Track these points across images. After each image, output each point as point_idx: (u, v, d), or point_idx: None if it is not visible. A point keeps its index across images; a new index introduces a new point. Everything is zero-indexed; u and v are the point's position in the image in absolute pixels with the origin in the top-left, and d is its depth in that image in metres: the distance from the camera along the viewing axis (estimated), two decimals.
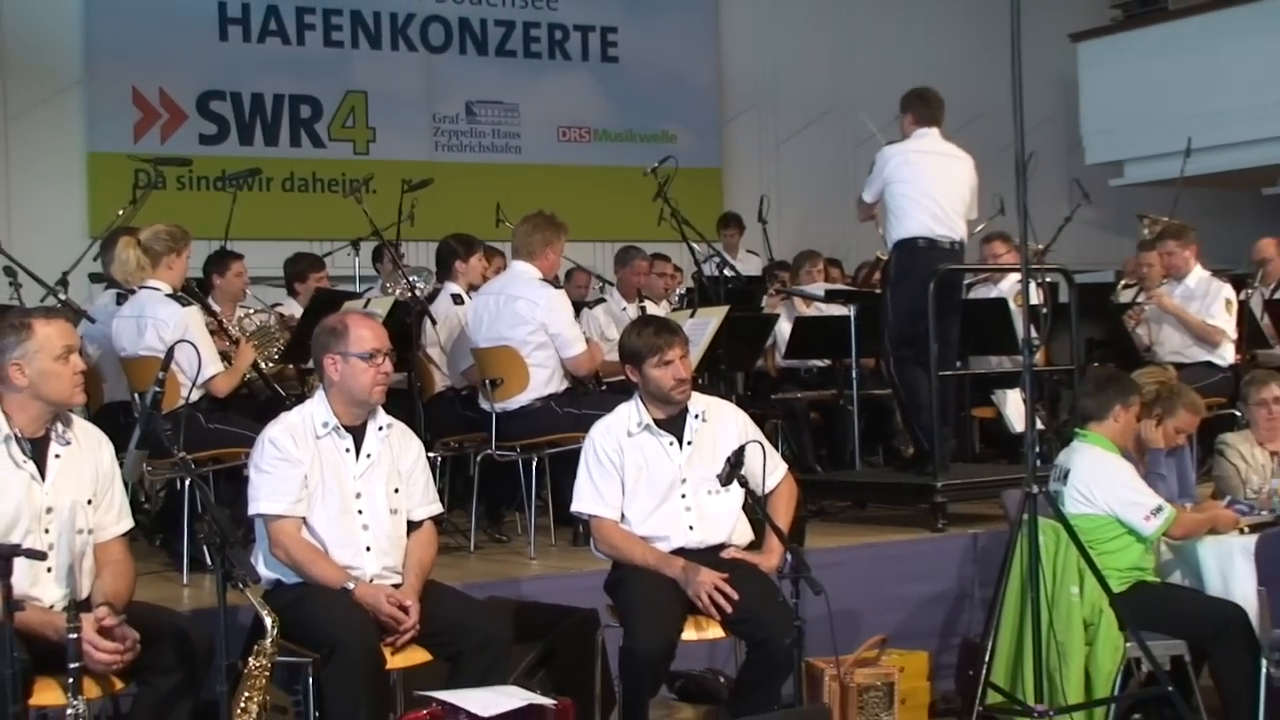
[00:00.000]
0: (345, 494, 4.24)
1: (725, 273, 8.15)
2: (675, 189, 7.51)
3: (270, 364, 6.56)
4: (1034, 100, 5.00)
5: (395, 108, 11.55)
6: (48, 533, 3.79)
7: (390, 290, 7.33)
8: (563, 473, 5.97)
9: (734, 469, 4.27)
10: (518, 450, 6.19)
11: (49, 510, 3.80)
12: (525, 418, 6.13)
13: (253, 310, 7.14)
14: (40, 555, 3.59)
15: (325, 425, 4.27)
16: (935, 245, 6.51)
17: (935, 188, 6.54)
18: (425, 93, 11.71)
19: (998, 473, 6.78)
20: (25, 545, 3.56)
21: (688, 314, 6.82)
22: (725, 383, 7.35)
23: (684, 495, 4.61)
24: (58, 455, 3.86)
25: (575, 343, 6.22)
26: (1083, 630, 4.89)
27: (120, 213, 7.82)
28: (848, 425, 7.78)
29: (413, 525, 4.38)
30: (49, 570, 3.77)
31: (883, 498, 7.05)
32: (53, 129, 10.44)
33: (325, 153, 11.29)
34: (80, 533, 3.86)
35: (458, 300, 6.96)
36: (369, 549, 4.24)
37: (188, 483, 5.39)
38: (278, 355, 6.67)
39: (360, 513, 4.25)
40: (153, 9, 10.69)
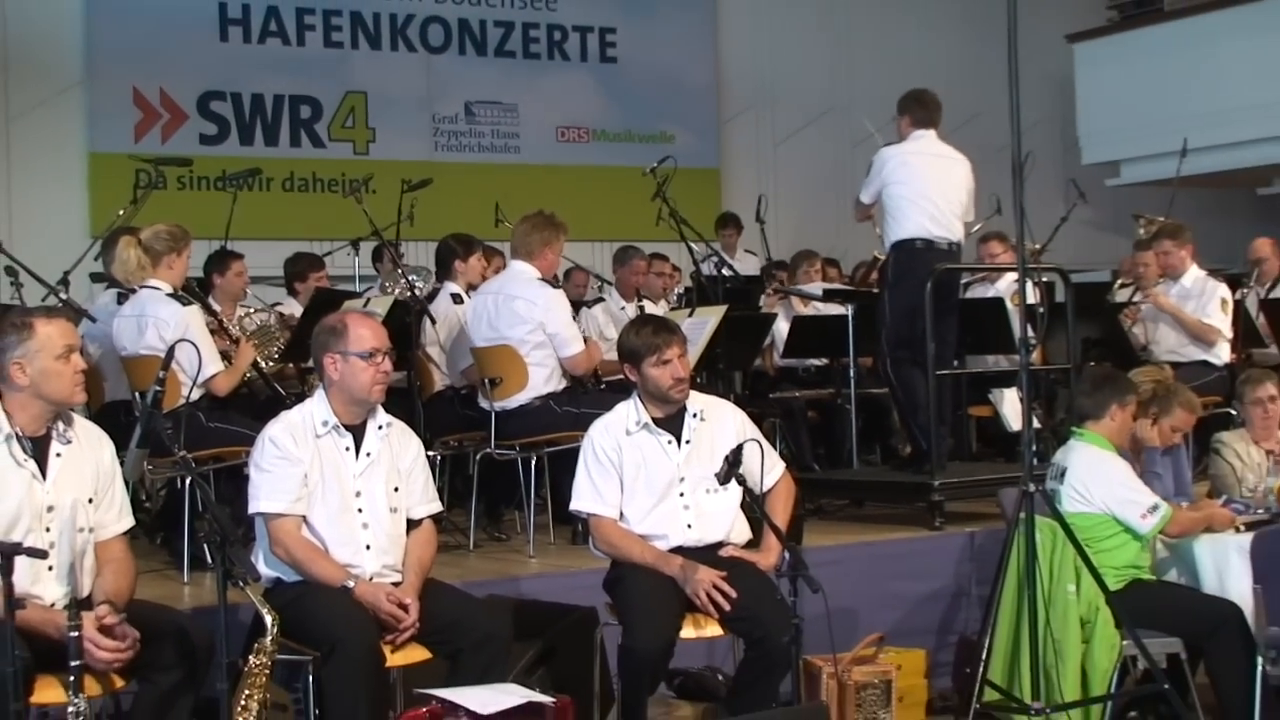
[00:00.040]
0: (345, 492, 4.25)
1: (723, 272, 8.13)
2: (674, 189, 7.51)
3: (270, 363, 6.57)
4: (1030, 101, 5.02)
5: (395, 108, 11.55)
6: (49, 531, 3.79)
7: (390, 290, 7.34)
8: (561, 471, 5.97)
9: (732, 467, 4.27)
10: (517, 449, 6.19)
11: (50, 509, 3.80)
12: (524, 416, 6.14)
13: (253, 309, 7.15)
14: (41, 554, 3.61)
15: (325, 424, 4.27)
16: (932, 246, 6.52)
17: (932, 189, 6.55)
18: (425, 93, 11.70)
19: (995, 471, 6.80)
20: (26, 544, 3.58)
21: (686, 313, 6.82)
22: (723, 382, 7.36)
23: (682, 494, 4.61)
24: (59, 454, 3.87)
25: (573, 342, 6.23)
26: (1079, 628, 4.89)
27: (121, 212, 7.82)
28: (845, 424, 7.78)
29: (412, 524, 4.38)
30: (50, 568, 3.78)
31: (880, 496, 7.06)
32: (54, 129, 10.43)
33: (325, 153, 11.28)
34: (81, 531, 3.86)
35: (457, 300, 6.97)
36: (369, 547, 4.24)
37: (188, 481, 5.40)
38: (278, 354, 6.68)
39: (360, 511, 4.26)
40: (153, 10, 10.69)
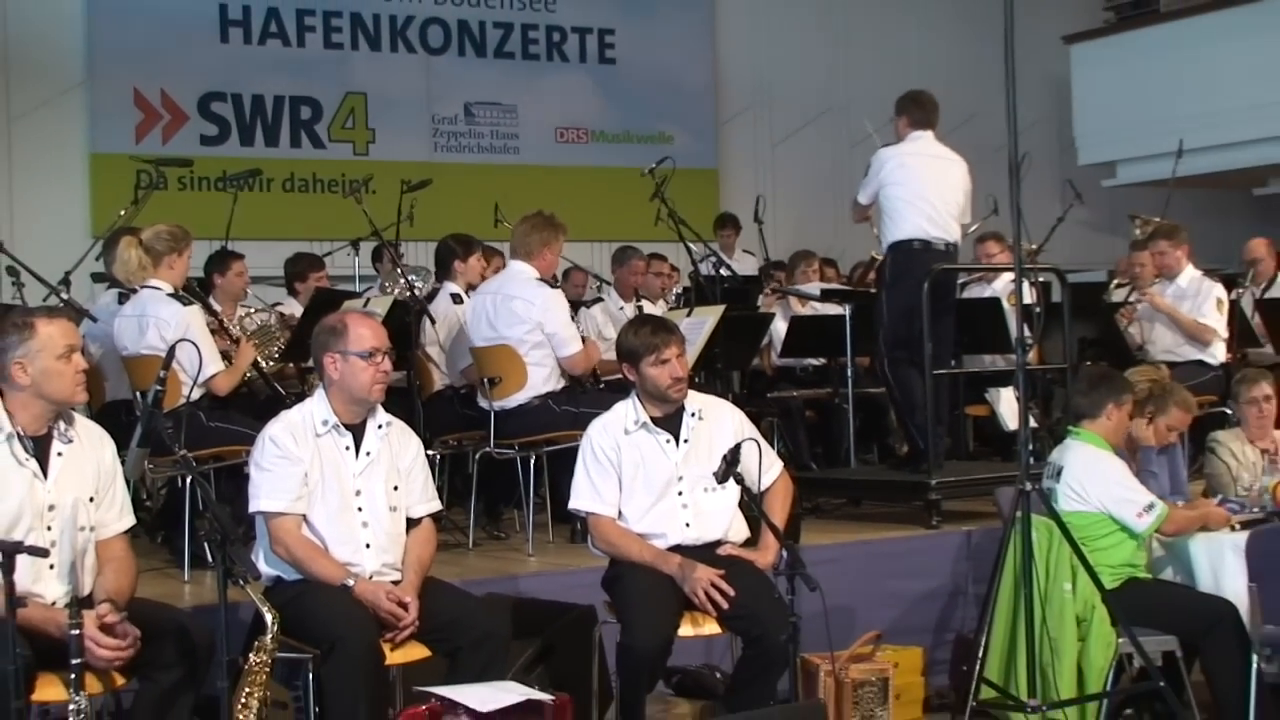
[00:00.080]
0: (345, 491, 4.26)
1: (721, 272, 8.14)
2: (672, 189, 7.52)
3: (270, 363, 6.59)
4: (1027, 101, 5.04)
5: (394, 109, 11.56)
6: (50, 530, 3.80)
7: (389, 290, 7.36)
8: (560, 470, 5.98)
9: (730, 466, 4.27)
10: (516, 448, 6.20)
11: (51, 508, 3.81)
12: (523, 416, 6.15)
13: (253, 309, 7.17)
14: (43, 552, 3.62)
15: (325, 423, 4.29)
16: (930, 247, 6.53)
17: (930, 190, 6.56)
18: (424, 94, 11.72)
19: (991, 470, 6.81)
20: (28, 542, 3.59)
21: (684, 313, 6.83)
22: (721, 381, 7.38)
23: (680, 493, 4.63)
24: (60, 453, 3.87)
25: (571, 342, 6.24)
26: (1075, 626, 4.91)
27: (122, 213, 7.82)
28: (843, 423, 7.78)
29: (412, 522, 4.40)
30: (51, 567, 3.79)
31: (877, 495, 7.07)
32: (55, 130, 10.45)
33: (325, 153, 11.30)
34: (82, 530, 3.87)
35: (456, 300, 6.98)
36: (368, 546, 4.26)
37: (189, 480, 5.41)
38: (278, 354, 6.69)
39: (360, 510, 4.27)
40: (154, 11, 10.70)
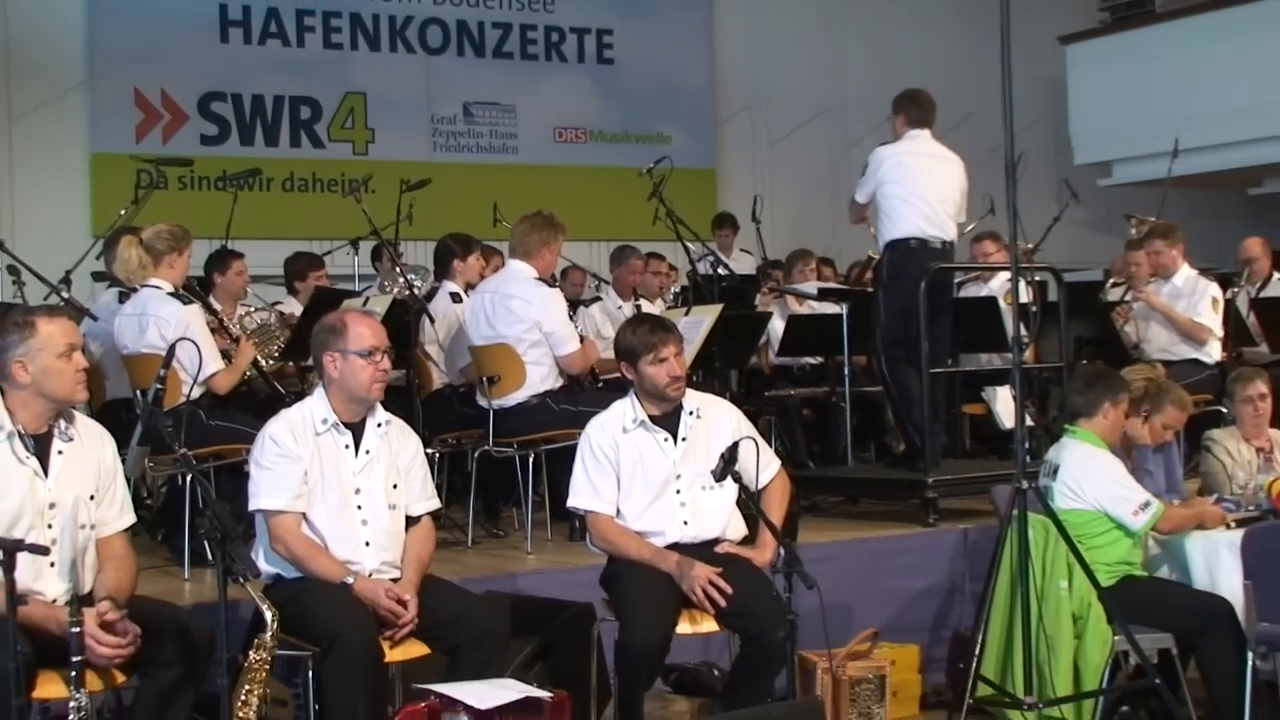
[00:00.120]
0: (344, 490, 4.28)
1: (719, 271, 8.15)
2: (670, 189, 7.52)
3: (270, 361, 6.59)
4: (1024, 101, 5.08)
5: (394, 109, 11.57)
6: (50, 528, 3.81)
7: (389, 289, 7.37)
8: (559, 468, 5.95)
9: (728, 465, 4.28)
10: (515, 446, 6.21)
11: (52, 506, 3.82)
12: (522, 414, 6.16)
13: (253, 308, 7.17)
14: (43, 550, 3.63)
15: (325, 422, 4.30)
16: (927, 245, 6.54)
17: (927, 189, 6.57)
18: (423, 94, 11.73)
19: (988, 468, 6.80)
20: (28, 540, 3.60)
21: (682, 312, 6.83)
22: (719, 380, 7.38)
23: (678, 491, 4.64)
24: (60, 451, 3.88)
25: (569, 341, 6.25)
26: (1071, 624, 4.93)
27: (122, 212, 7.83)
28: (840, 422, 7.80)
29: (411, 521, 4.41)
30: (52, 565, 3.80)
31: (874, 493, 7.09)
32: (56, 130, 10.46)
33: (325, 153, 11.31)
34: (83, 528, 3.88)
35: (456, 299, 7.00)
36: (368, 544, 4.27)
37: (189, 478, 5.42)
38: (278, 353, 6.70)
39: (359, 508, 4.28)
40: (154, 12, 10.70)
